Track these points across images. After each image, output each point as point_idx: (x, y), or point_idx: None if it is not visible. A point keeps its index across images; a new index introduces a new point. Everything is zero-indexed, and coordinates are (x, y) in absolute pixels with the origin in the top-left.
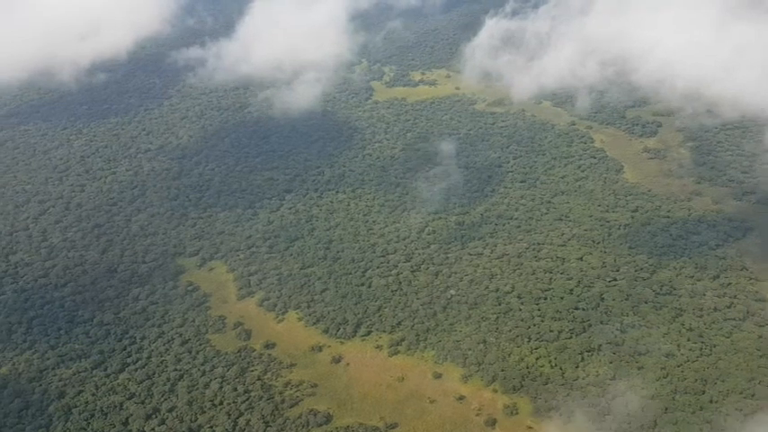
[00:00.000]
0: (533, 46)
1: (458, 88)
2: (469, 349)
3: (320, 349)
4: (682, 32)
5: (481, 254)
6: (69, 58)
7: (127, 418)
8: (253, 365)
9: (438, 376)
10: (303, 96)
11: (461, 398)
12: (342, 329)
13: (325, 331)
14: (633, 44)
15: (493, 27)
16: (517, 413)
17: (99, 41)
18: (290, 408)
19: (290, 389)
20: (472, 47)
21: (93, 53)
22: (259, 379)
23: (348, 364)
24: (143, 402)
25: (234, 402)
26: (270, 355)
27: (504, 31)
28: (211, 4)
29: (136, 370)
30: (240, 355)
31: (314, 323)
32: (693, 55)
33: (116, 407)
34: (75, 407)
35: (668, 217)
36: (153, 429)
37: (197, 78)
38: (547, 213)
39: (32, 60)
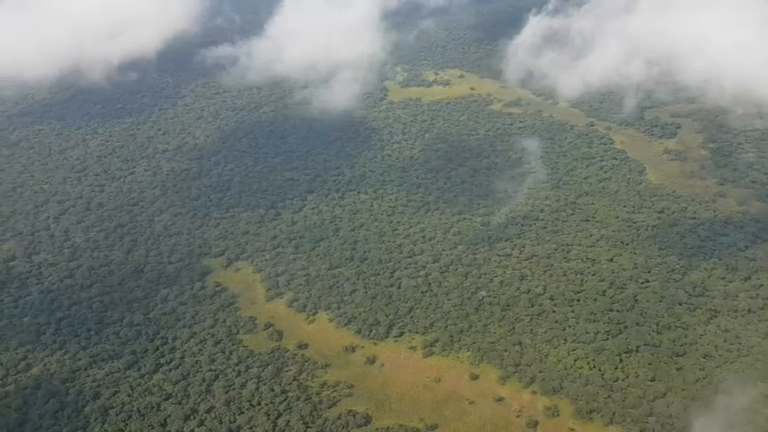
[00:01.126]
0: (576, 45)
1: (473, 89)
2: (505, 350)
3: (353, 350)
4: (728, 31)
5: (510, 255)
6: (97, 57)
7: (165, 419)
8: (287, 366)
9: (475, 377)
10: (334, 96)
11: (500, 399)
12: (374, 330)
13: (358, 332)
14: (678, 43)
15: (535, 25)
16: (558, 415)
17: (126, 41)
18: (329, 408)
19: (327, 389)
20: (515, 45)
21: (120, 52)
22: (295, 379)
23: (383, 364)
24: (180, 403)
25: (272, 403)
26: (303, 355)
27: (547, 29)
28: (239, 3)
29: (170, 370)
30: (274, 356)
31: (345, 324)
32: (740, 54)
33: (153, 408)
34: (112, 408)
35: (694, 218)
36: (193, 431)
37: (225, 77)
38: (573, 214)
39: (60, 59)
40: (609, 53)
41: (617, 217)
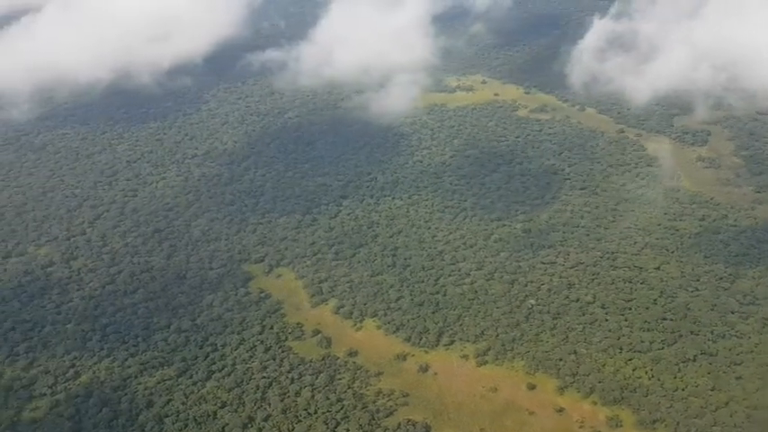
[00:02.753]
0: (643, 49)
1: (496, 94)
2: (561, 360)
3: (405, 358)
4: None
5: (554, 262)
6: (144, 61)
7: (223, 428)
8: (340, 373)
9: (532, 387)
10: (389, 100)
11: (561, 410)
12: (424, 338)
13: (407, 340)
14: (745, 48)
15: (598, 30)
16: (621, 425)
17: (170, 45)
18: (386, 417)
19: (382, 398)
20: (579, 50)
21: (165, 56)
22: (349, 387)
23: (436, 373)
24: (236, 411)
25: (328, 411)
26: (354, 363)
27: (608, 33)
28: (284, 7)
29: (223, 377)
30: (325, 363)
31: (394, 331)
32: None
33: (209, 416)
34: (167, 416)
35: (736, 226)
36: None
37: (277, 80)
38: (614, 221)
39: (107, 62)
40: (674, 58)
41: (659, 224)
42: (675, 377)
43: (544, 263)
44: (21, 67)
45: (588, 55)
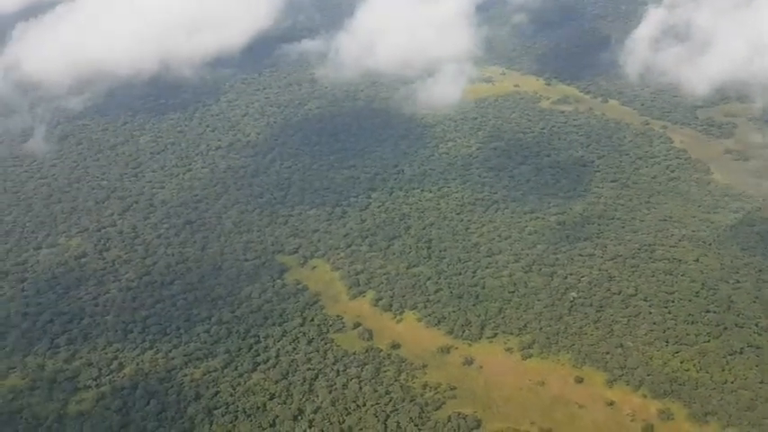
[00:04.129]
0: (698, 39)
1: (516, 86)
2: (607, 353)
3: (448, 351)
4: None
5: (593, 254)
6: (181, 53)
7: (274, 420)
8: (384, 366)
9: (580, 381)
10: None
11: (611, 403)
12: (467, 331)
13: (449, 332)
14: None
15: (653, 19)
16: (672, 418)
17: (207, 37)
18: (435, 411)
19: (430, 391)
20: (634, 39)
21: (202, 48)
22: (396, 380)
23: (481, 366)
24: (285, 403)
25: (377, 404)
26: (398, 355)
27: (660, 23)
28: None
29: (268, 369)
30: (369, 356)
31: (435, 324)
32: None
33: (259, 408)
34: (216, 408)
35: None
36: (305, 431)
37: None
38: (648, 214)
39: (140, 55)
40: (731, 48)
41: (694, 217)
42: (723, 370)
43: (582, 255)
44: (53, 56)
45: (640, 45)
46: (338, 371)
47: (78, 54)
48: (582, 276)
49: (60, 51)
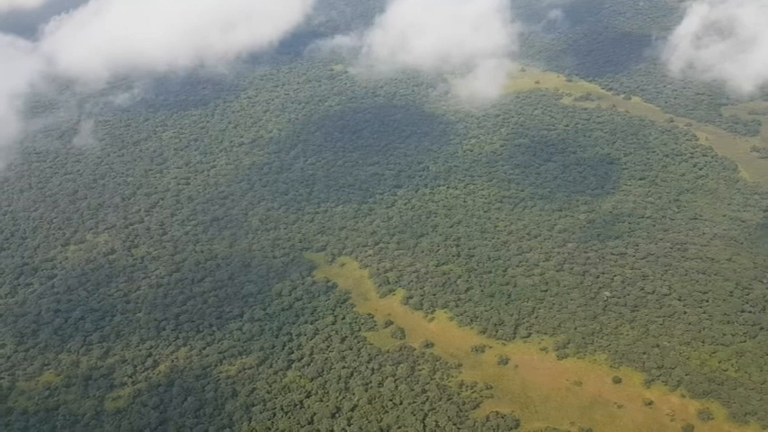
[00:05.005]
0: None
1: (537, 82)
2: (644, 353)
3: (482, 350)
4: None
5: (624, 253)
6: (215, 49)
7: (311, 417)
8: (419, 365)
9: (618, 381)
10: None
11: (650, 403)
12: (500, 330)
13: (483, 332)
14: None
15: (697, 15)
16: (712, 419)
17: (240, 34)
18: (473, 410)
19: (466, 390)
20: (677, 36)
21: (235, 44)
22: (431, 379)
23: (517, 366)
24: (322, 400)
25: (414, 402)
26: (432, 354)
27: (705, 18)
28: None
29: (303, 367)
30: (403, 354)
31: (468, 323)
32: None
33: (296, 405)
34: (254, 405)
35: None
36: (344, 429)
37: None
38: (678, 212)
39: (175, 52)
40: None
41: (723, 215)
42: (762, 370)
43: (614, 254)
44: (84, 52)
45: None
46: (373, 369)
47: (108, 49)
48: (614, 275)
49: (92, 47)
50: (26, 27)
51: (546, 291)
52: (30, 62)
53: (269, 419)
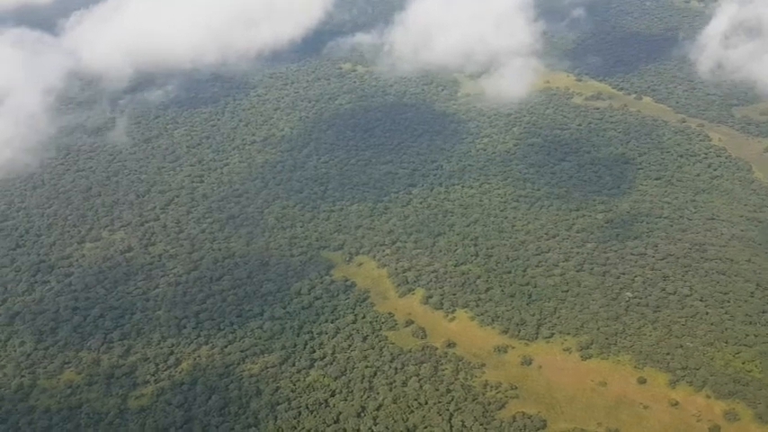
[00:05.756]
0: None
1: (547, 82)
2: (668, 354)
3: (505, 350)
4: None
5: (644, 254)
6: (236, 47)
7: (337, 416)
8: (442, 364)
9: (643, 381)
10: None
11: (675, 404)
12: (522, 330)
13: (504, 332)
14: None
15: (726, 14)
16: (738, 419)
17: (261, 31)
18: (498, 410)
19: (491, 390)
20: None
21: (255, 42)
22: (455, 379)
23: (541, 366)
24: (346, 399)
25: (439, 402)
26: (455, 354)
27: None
28: None
29: (325, 366)
30: (425, 354)
31: (489, 323)
32: None
33: (321, 404)
34: (279, 403)
35: None
36: (370, 428)
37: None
38: (695, 212)
39: (197, 50)
40: None
41: (741, 216)
42: None
43: (633, 254)
44: (105, 47)
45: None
46: (396, 369)
47: (130, 46)
48: (635, 276)
49: (114, 43)
50: (38, 23)
51: (567, 291)
52: (54, 58)
53: (294, 418)
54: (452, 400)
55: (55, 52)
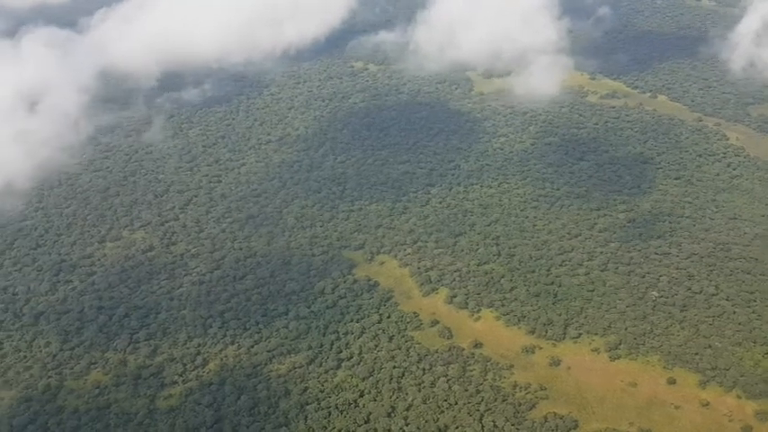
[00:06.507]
0: None
1: (562, 80)
2: (697, 354)
3: (533, 351)
4: None
5: (668, 253)
6: (261, 47)
7: (367, 416)
8: (470, 365)
9: (672, 382)
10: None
11: (706, 404)
12: (549, 331)
13: (531, 332)
14: None
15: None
16: None
17: (285, 30)
18: (529, 411)
19: (520, 391)
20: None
21: (280, 42)
22: (484, 379)
23: (569, 367)
24: (375, 400)
25: (469, 402)
26: (482, 354)
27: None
28: None
29: (353, 366)
30: (453, 354)
31: (515, 323)
32: None
33: (350, 404)
34: (308, 404)
35: None
36: (402, 429)
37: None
38: (717, 212)
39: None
40: None
41: (763, 215)
42: None
43: (657, 254)
44: (132, 46)
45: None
46: (424, 369)
47: (157, 45)
48: (660, 275)
49: (140, 42)
50: (60, 22)
51: (593, 291)
52: (85, 58)
53: (324, 418)
54: (482, 400)
55: (84, 52)
